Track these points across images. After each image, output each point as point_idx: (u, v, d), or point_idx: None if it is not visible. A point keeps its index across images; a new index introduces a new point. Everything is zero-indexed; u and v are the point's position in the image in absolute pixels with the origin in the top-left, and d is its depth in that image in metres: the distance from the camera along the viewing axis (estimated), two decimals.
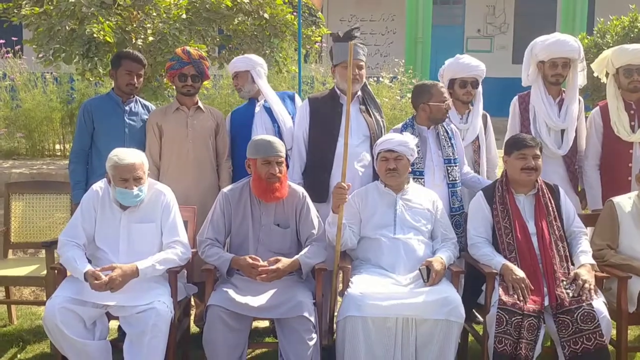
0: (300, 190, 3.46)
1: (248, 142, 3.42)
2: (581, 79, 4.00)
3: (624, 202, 3.55)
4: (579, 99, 4.05)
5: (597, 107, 4.08)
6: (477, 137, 4.10)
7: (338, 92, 3.86)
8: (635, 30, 6.93)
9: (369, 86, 3.99)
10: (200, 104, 3.94)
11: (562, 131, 3.97)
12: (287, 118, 3.99)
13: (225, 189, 3.43)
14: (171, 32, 5.17)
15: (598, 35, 7.37)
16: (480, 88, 4.12)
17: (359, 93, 3.88)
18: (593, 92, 7.09)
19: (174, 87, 3.96)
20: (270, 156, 3.24)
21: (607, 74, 4.09)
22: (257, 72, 4.03)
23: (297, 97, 4.22)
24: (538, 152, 3.43)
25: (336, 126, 3.77)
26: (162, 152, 3.85)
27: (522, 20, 13.06)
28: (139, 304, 2.99)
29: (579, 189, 4.13)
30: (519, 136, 3.54)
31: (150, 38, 5.20)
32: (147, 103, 4.11)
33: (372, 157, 3.72)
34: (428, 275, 3.18)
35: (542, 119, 3.95)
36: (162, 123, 3.83)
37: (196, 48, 4.20)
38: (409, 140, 3.50)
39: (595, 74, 4.22)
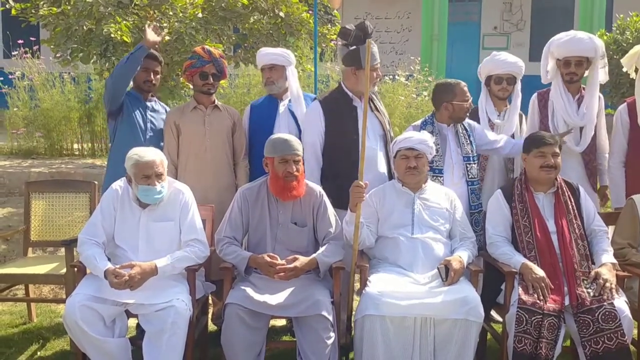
0: (318, 188, 3.45)
1: None
2: (602, 76, 3.96)
3: None
4: (599, 96, 4.00)
5: (625, 104, 4.03)
6: (513, 135, 4.11)
7: (350, 94, 3.73)
8: None
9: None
10: (217, 102, 3.95)
11: (581, 128, 3.93)
12: None
13: (242, 188, 3.44)
14: (187, 32, 5.19)
15: (617, 31, 7.28)
16: (519, 85, 4.13)
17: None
18: (612, 90, 7.02)
19: (192, 85, 3.96)
20: (287, 154, 3.24)
21: (636, 70, 4.02)
22: (292, 71, 4.03)
23: None
24: (557, 150, 3.39)
25: (354, 130, 3.66)
26: (180, 151, 3.86)
27: (540, 17, 12.92)
28: (158, 302, 3.00)
29: (598, 187, 4.09)
30: (538, 134, 3.51)
31: (167, 37, 5.22)
32: (164, 105, 4.14)
33: (387, 156, 3.71)
34: (447, 274, 3.17)
35: (560, 116, 3.93)
36: (180, 122, 3.85)
37: (214, 47, 4.22)
38: (428, 138, 3.49)
39: (624, 69, 4.15)
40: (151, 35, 3.81)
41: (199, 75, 3.84)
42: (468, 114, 3.81)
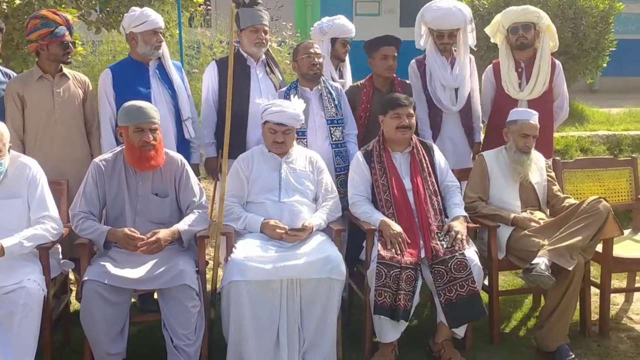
0: (179, 157, 3.36)
1: None
2: (471, 40, 4.18)
3: (493, 156, 3.75)
4: (471, 58, 4.22)
5: (491, 65, 4.26)
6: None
7: (245, 54, 3.92)
8: None
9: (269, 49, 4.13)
10: (65, 70, 3.70)
11: (457, 89, 4.13)
12: (182, 87, 3.86)
13: (97, 159, 3.27)
14: None
15: None
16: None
17: (263, 56, 3.97)
18: (486, 52, 7.32)
19: (45, 54, 3.58)
20: (142, 123, 3.12)
21: (507, 36, 4.18)
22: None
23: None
24: (412, 111, 3.53)
25: (246, 86, 3.82)
26: (27, 124, 3.59)
27: None
28: (6, 284, 2.80)
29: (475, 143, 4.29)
30: (393, 96, 3.63)
31: (18, 1, 4.82)
32: (8, 71, 3.82)
33: None
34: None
35: (437, 79, 4.10)
36: (25, 93, 3.56)
37: (66, 12, 3.94)
38: (299, 110, 3.50)
39: (492, 40, 4.37)
40: None
41: (59, 45, 3.56)
42: (318, 70, 3.84)
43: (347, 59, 4.57)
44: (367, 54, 4.05)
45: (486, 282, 3.60)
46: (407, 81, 4.23)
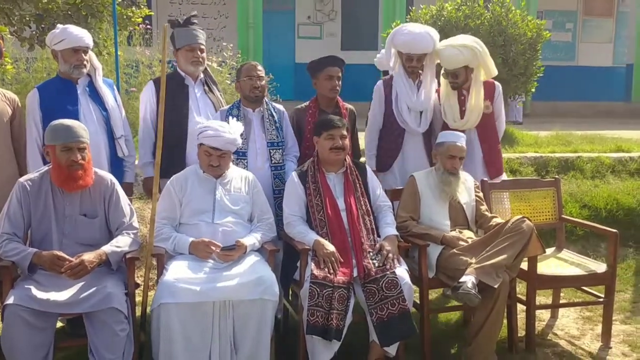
0: (109, 177, 3.31)
1: None
2: (435, 61, 4.25)
3: (424, 176, 3.85)
4: (435, 81, 4.29)
5: (436, 93, 4.33)
6: None
7: (182, 74, 3.95)
8: (442, 18, 7.50)
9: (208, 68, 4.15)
10: None
11: (421, 112, 4.19)
12: (115, 105, 3.81)
13: (22, 179, 3.18)
14: None
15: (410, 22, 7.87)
16: None
17: (201, 75, 4.00)
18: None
19: None
20: (70, 142, 3.06)
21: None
22: (92, 53, 3.81)
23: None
24: (345, 133, 3.59)
25: (185, 105, 3.85)
26: None
27: (349, 8, 13.53)
28: None
29: None
30: (327, 118, 3.68)
31: None
32: None
33: None
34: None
35: (403, 101, 4.16)
36: None
37: None
38: (236, 134, 3.46)
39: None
40: None
41: None
42: (259, 93, 3.85)
43: None
44: (311, 75, 4.02)
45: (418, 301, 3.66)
46: (350, 106, 4.24)
